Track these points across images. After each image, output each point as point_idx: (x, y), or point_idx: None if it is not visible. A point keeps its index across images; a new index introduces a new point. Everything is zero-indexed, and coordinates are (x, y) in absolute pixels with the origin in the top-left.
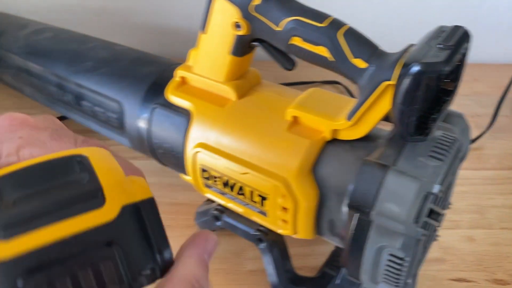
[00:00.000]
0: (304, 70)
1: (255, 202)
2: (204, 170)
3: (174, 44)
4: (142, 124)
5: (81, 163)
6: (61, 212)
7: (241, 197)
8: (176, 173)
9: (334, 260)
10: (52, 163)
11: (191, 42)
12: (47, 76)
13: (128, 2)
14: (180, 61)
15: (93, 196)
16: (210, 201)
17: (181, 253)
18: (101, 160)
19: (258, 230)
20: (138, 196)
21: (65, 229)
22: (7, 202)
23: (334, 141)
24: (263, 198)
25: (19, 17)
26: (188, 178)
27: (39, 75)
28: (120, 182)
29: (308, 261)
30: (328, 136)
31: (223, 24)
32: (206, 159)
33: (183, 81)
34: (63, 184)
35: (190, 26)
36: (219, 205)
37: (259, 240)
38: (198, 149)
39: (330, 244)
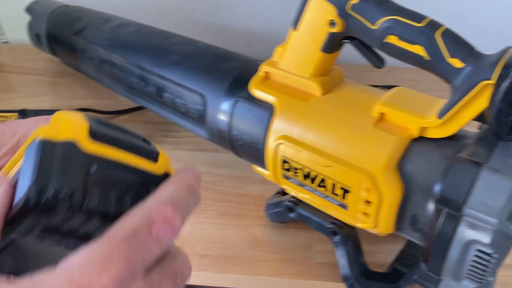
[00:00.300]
0: (364, 75)
1: (336, 195)
2: (285, 162)
3: (238, 45)
4: (223, 116)
5: (145, 140)
6: (132, 148)
7: (321, 189)
8: (243, 166)
9: (404, 257)
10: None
11: (253, 43)
12: (131, 68)
13: (198, 2)
14: None
15: (152, 155)
16: (280, 193)
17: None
18: None
19: (333, 223)
20: (169, 169)
21: (130, 159)
22: (98, 125)
23: (420, 139)
24: (346, 191)
25: (100, 12)
26: (261, 169)
27: (122, 66)
28: (165, 156)
29: (375, 258)
30: (415, 133)
31: (317, 21)
32: (288, 151)
33: (267, 76)
34: (135, 138)
35: (253, 27)
36: (293, 197)
37: (333, 233)
38: (281, 141)
39: (397, 242)
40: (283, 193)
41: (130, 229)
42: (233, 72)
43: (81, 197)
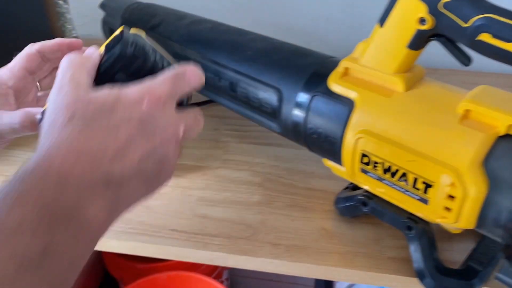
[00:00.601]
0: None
1: (417, 189)
2: (364, 156)
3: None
4: (299, 110)
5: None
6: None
7: (401, 183)
8: (308, 162)
9: (478, 255)
10: None
11: (312, 42)
12: (205, 63)
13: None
14: None
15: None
16: (350, 189)
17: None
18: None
19: (409, 218)
20: None
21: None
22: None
23: (506, 136)
24: (428, 186)
25: (174, 9)
26: (332, 163)
27: (197, 61)
28: None
29: (446, 255)
30: (502, 130)
31: (406, 18)
32: (369, 145)
33: (346, 71)
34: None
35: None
36: (366, 191)
37: (408, 228)
38: (361, 135)
39: (467, 241)
40: (353, 188)
41: (174, 73)
42: (310, 67)
43: (143, 57)
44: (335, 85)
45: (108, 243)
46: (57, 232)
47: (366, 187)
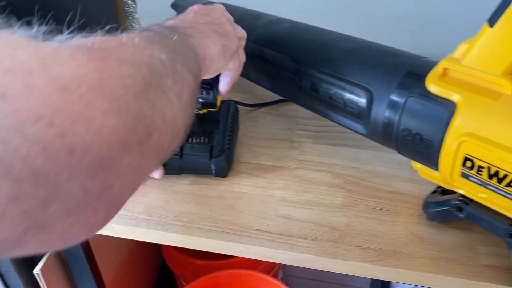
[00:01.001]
0: None
1: None
2: (467, 160)
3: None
4: (391, 111)
5: None
6: None
7: (509, 189)
8: (388, 164)
9: None
10: None
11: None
12: (285, 62)
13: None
14: None
15: None
16: (439, 192)
17: None
18: None
19: (511, 224)
20: None
21: None
22: None
23: None
24: None
25: (248, 9)
26: (421, 166)
27: (276, 61)
28: None
29: None
30: None
31: None
32: (474, 149)
33: (445, 72)
34: None
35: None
36: (462, 196)
37: (510, 235)
38: (465, 138)
39: None
40: (442, 192)
41: None
42: (403, 67)
43: None
44: (433, 86)
45: (194, 241)
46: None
47: (462, 192)
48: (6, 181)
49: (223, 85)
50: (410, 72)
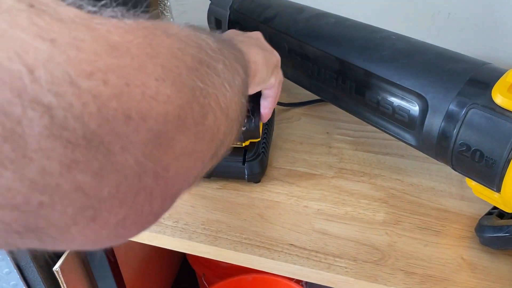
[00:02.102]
0: None
1: None
2: None
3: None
4: (448, 123)
5: None
6: None
7: None
8: (436, 177)
9: None
10: None
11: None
12: (327, 61)
13: None
14: None
15: None
16: (495, 215)
17: None
18: None
19: None
20: None
21: None
22: None
23: None
24: None
25: (290, 1)
26: (477, 184)
27: (317, 59)
28: None
29: None
30: None
31: None
32: None
33: None
34: None
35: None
36: None
37: None
38: None
39: None
40: (499, 215)
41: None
42: (464, 74)
43: None
44: (501, 97)
45: (222, 253)
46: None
47: None
48: (59, 144)
49: (265, 109)
50: (473, 79)
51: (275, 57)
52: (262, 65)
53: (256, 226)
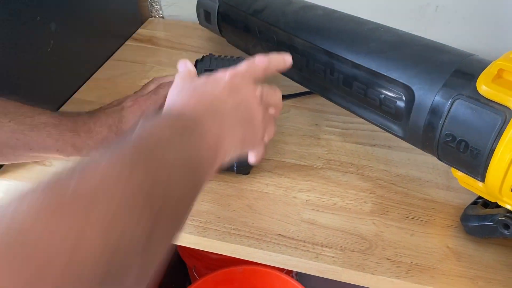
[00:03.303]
0: None
1: None
2: None
3: None
4: (434, 114)
5: None
6: None
7: None
8: (422, 168)
9: None
10: None
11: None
12: (315, 53)
13: None
14: None
15: None
16: (480, 205)
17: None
18: None
19: None
20: None
21: None
22: None
23: None
24: None
25: None
26: (462, 174)
27: (305, 51)
28: None
29: None
30: None
31: None
32: None
33: (500, 74)
34: None
35: None
36: (509, 211)
37: None
38: None
39: None
40: (484, 204)
41: (246, 60)
42: (450, 65)
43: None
44: (486, 88)
45: (211, 243)
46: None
47: (510, 207)
48: None
49: (252, 160)
50: (458, 71)
51: (260, 129)
52: (234, 150)
53: (245, 217)
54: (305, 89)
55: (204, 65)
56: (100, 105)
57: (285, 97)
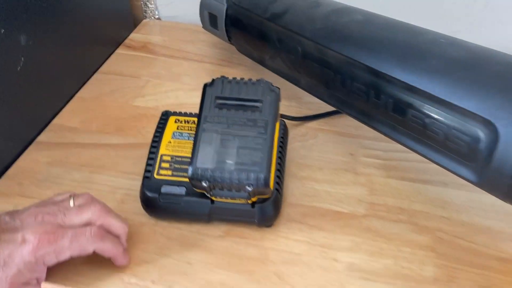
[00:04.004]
0: None
1: None
2: None
3: None
4: None
5: None
6: None
7: None
8: (492, 214)
9: None
10: None
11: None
12: (354, 70)
13: None
14: None
15: None
16: None
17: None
18: None
19: None
20: None
21: None
22: None
23: None
24: None
25: None
26: None
27: (340, 67)
28: None
29: None
30: None
31: None
32: None
33: None
34: None
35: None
36: None
37: None
38: None
39: None
40: None
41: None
42: None
43: None
44: None
45: None
46: None
47: None
48: None
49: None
50: None
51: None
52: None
53: None
54: (330, 107)
55: (215, 91)
56: (86, 132)
57: (309, 118)
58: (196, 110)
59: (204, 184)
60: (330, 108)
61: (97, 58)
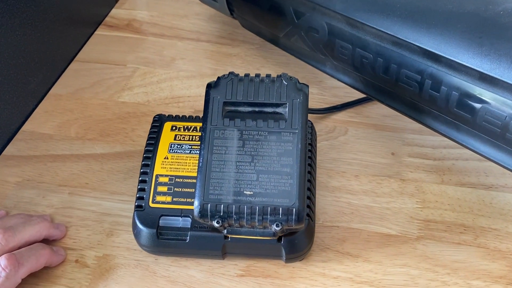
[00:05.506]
0: None
1: None
2: None
3: None
4: None
5: None
6: None
7: None
8: None
9: None
10: None
11: None
12: (403, 52)
13: None
14: None
15: None
16: None
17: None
18: None
19: None
20: None
21: None
22: None
23: None
24: None
25: None
26: None
27: (384, 49)
28: None
29: None
30: None
31: None
32: None
33: None
34: None
35: None
36: None
37: None
38: None
39: None
40: None
41: None
42: None
43: None
44: None
45: None
46: None
47: None
48: None
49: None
50: None
51: None
52: None
53: None
54: (361, 94)
55: (222, 94)
56: (63, 140)
57: (336, 108)
58: (196, 104)
59: (216, 224)
60: (360, 95)
61: (72, 43)
